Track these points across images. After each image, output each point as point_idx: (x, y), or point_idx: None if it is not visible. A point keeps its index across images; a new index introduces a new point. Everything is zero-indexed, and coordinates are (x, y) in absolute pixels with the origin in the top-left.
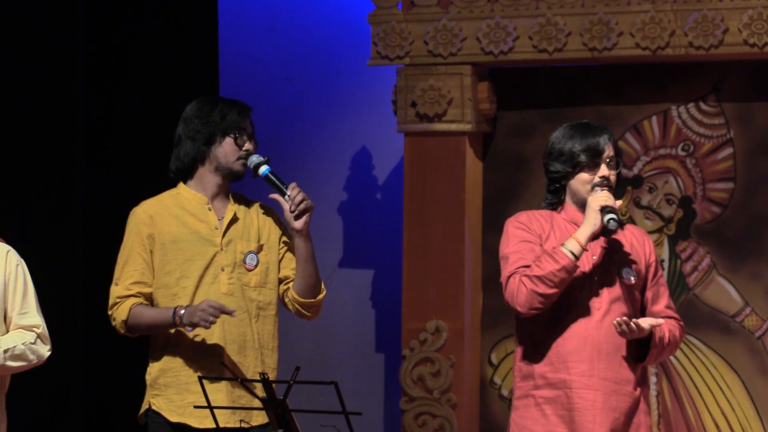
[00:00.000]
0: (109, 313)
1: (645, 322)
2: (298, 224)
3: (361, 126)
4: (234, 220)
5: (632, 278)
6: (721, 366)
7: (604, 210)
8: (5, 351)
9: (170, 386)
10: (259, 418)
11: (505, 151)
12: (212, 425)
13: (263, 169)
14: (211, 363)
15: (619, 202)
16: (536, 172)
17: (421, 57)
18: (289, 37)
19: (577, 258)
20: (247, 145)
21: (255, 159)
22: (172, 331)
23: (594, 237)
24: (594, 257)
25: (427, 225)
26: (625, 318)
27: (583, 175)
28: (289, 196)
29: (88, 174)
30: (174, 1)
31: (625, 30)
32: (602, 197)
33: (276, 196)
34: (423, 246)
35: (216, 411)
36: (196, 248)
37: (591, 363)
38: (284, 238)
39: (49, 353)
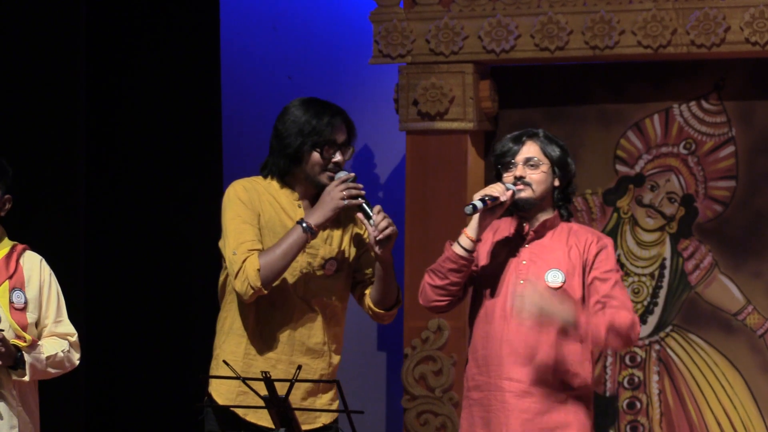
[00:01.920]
0: (235, 280)
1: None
2: (381, 251)
3: (362, 124)
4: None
5: (558, 281)
6: (723, 364)
7: (480, 200)
8: (47, 358)
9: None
10: (322, 418)
11: None
12: (257, 420)
13: None
14: (276, 361)
15: (508, 192)
16: None
17: (422, 55)
18: (291, 35)
19: (465, 249)
20: (337, 157)
21: (342, 176)
22: (249, 319)
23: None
24: (524, 262)
25: (429, 223)
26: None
27: (504, 177)
28: (373, 220)
29: (90, 173)
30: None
31: (626, 28)
32: (488, 188)
33: (360, 216)
34: (425, 244)
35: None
36: None
37: (509, 366)
38: (363, 242)
39: (78, 362)
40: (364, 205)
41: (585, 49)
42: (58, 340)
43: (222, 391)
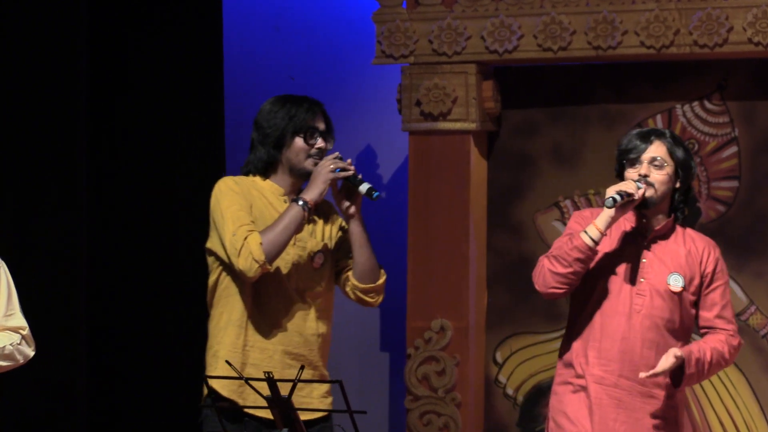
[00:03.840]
0: (239, 258)
1: (666, 360)
2: (353, 209)
3: (365, 125)
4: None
5: (679, 285)
6: None
7: (618, 194)
8: None
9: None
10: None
11: (510, 150)
12: (255, 411)
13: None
14: (272, 352)
15: (640, 191)
16: (541, 171)
17: (425, 56)
18: (294, 36)
19: (594, 241)
20: (320, 143)
21: (330, 156)
22: (245, 314)
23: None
24: (644, 260)
25: (431, 224)
26: (651, 372)
27: (627, 172)
28: (365, 184)
29: (91, 172)
30: (178, 0)
31: (629, 28)
32: (622, 184)
33: (353, 187)
34: (428, 245)
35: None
36: None
37: (622, 363)
38: (340, 230)
39: (33, 354)
40: (353, 176)
41: (588, 49)
42: (8, 334)
43: (225, 383)
